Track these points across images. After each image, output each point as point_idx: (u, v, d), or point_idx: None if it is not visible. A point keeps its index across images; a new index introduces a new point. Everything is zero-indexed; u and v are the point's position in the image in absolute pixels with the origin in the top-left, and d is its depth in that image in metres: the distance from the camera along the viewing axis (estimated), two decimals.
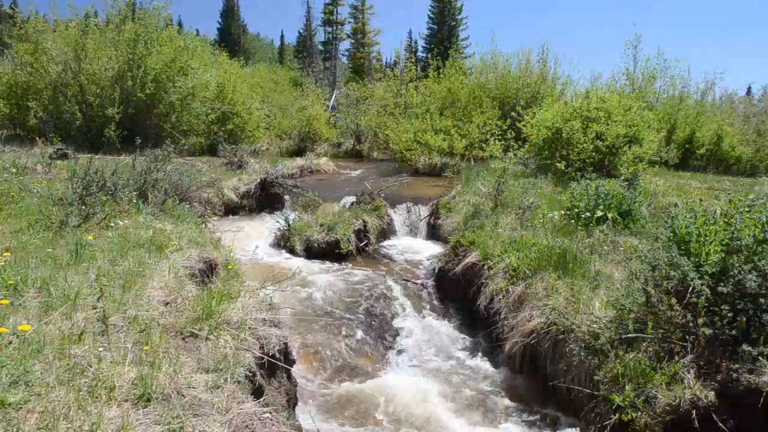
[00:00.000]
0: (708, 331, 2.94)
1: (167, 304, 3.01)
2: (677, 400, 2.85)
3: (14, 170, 6.79)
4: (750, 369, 2.77)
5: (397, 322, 5.49)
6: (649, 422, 2.90)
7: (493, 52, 16.82)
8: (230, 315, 2.96)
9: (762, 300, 2.84)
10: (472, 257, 5.80)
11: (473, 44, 38.01)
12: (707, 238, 3.44)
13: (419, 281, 6.60)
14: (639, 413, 2.95)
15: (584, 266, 4.55)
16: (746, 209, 3.49)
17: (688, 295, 3.11)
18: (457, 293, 5.95)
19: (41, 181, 6.19)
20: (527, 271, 4.82)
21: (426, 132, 13.69)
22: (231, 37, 45.24)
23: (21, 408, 1.79)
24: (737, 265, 3.02)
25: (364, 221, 8.07)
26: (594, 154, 9.10)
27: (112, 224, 4.57)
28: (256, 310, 3.17)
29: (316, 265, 6.98)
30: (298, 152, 17.75)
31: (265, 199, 10.07)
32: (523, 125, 11.01)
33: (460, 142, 13.31)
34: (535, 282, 4.61)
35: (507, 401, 4.09)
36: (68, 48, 11.33)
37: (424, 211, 9.16)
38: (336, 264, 7.10)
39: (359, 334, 5.08)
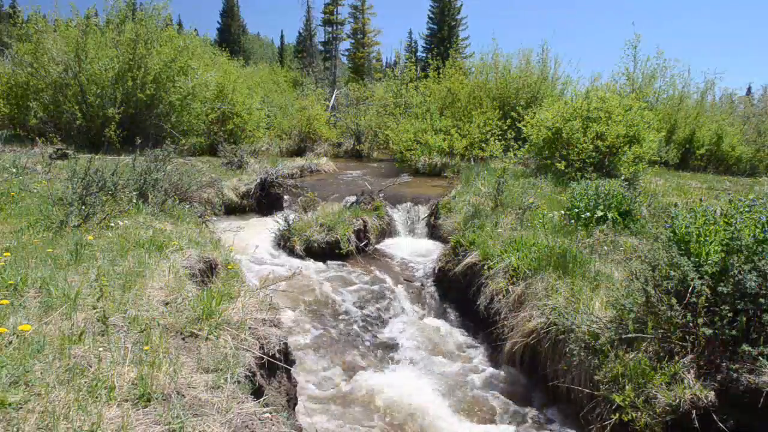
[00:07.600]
0: (708, 331, 2.94)
1: (167, 304, 3.01)
2: (677, 400, 2.85)
3: (14, 170, 6.78)
4: (750, 369, 2.77)
5: (396, 322, 5.49)
6: (649, 422, 2.90)
7: (494, 51, 16.77)
8: (230, 315, 2.96)
9: (762, 300, 2.84)
10: (472, 257, 5.80)
11: (473, 44, 38.19)
12: (707, 238, 3.43)
13: (419, 281, 6.60)
14: (639, 413, 2.95)
15: (584, 266, 4.55)
16: (746, 209, 3.49)
17: (688, 295, 3.10)
18: (457, 293, 5.95)
19: (41, 181, 6.19)
20: (527, 271, 4.82)
21: (426, 132, 13.68)
22: (231, 37, 45.26)
23: (21, 408, 1.79)
24: (737, 265, 3.02)
25: (364, 221, 8.07)
26: (594, 154, 9.09)
27: (112, 224, 4.57)
28: (256, 310, 3.17)
29: (316, 265, 6.97)
30: (298, 152, 17.73)
31: (265, 199, 10.07)
32: (523, 125, 11.01)
33: (460, 142, 13.30)
34: (535, 282, 4.61)
35: (507, 401, 4.08)
36: (69, 48, 11.32)
37: (424, 211, 9.16)
38: (336, 264, 7.09)
39: (359, 333, 5.09)
